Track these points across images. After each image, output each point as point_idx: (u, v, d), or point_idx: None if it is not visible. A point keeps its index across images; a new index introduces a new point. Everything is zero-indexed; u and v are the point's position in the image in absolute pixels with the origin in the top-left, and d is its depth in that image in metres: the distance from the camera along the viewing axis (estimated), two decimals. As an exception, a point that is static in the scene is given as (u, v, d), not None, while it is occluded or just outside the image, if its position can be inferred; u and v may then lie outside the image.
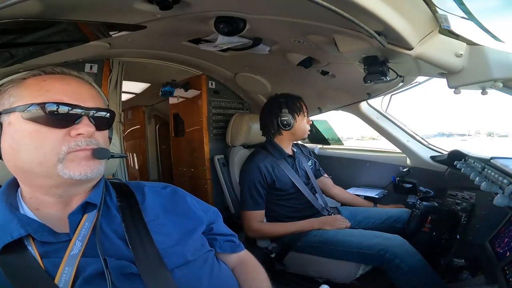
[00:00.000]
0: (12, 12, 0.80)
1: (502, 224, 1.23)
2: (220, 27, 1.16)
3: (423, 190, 1.87)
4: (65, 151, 0.59)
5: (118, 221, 0.69)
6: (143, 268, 0.62)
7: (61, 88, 0.63)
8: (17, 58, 1.10)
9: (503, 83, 1.03)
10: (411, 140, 2.04)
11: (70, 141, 0.60)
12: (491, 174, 1.08)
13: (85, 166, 0.61)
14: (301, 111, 1.74)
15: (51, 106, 0.59)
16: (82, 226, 0.63)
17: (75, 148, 0.60)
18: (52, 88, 0.62)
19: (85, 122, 0.63)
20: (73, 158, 0.60)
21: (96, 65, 1.65)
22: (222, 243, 0.86)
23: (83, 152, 0.61)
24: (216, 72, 2.08)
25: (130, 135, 3.85)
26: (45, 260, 0.57)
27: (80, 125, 0.62)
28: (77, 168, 0.60)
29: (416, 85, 1.72)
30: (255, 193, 1.63)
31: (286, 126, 1.72)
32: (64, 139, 0.60)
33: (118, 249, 0.64)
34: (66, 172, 0.59)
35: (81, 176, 0.61)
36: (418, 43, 1.01)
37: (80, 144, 0.61)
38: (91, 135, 0.63)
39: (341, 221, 1.59)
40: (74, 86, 0.65)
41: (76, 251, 0.59)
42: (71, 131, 0.61)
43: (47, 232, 0.60)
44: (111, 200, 0.73)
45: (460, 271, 1.37)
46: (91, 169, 0.62)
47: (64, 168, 0.59)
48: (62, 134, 0.60)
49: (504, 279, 0.97)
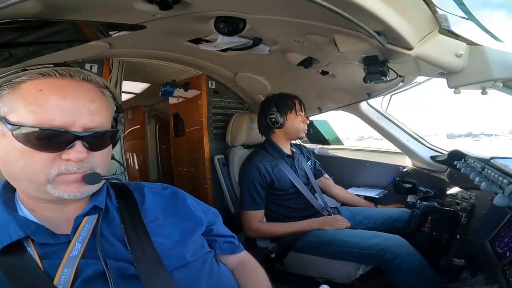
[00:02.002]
0: (12, 12, 0.80)
1: (502, 224, 1.23)
2: (220, 27, 1.16)
3: (423, 190, 1.87)
4: (54, 174, 0.58)
5: (117, 222, 0.68)
6: (142, 269, 0.62)
7: (55, 105, 0.57)
8: (16, 58, 1.09)
9: (503, 83, 1.03)
10: (411, 140, 2.05)
11: (61, 165, 0.58)
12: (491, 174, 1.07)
13: (74, 188, 0.60)
14: (292, 109, 1.74)
15: (40, 131, 0.55)
16: (82, 228, 0.63)
17: (65, 172, 0.58)
18: (45, 104, 0.56)
19: (77, 148, 0.58)
20: (63, 180, 0.59)
21: (96, 65, 1.65)
22: (222, 244, 0.86)
23: (74, 175, 0.59)
24: (216, 72, 2.08)
25: (130, 135, 3.85)
26: (44, 261, 0.57)
27: (71, 151, 0.58)
28: (66, 190, 0.59)
29: (416, 85, 1.72)
30: (254, 193, 1.63)
31: (275, 124, 1.73)
32: (55, 163, 0.58)
33: (117, 251, 0.64)
34: (55, 192, 0.58)
35: (70, 196, 0.59)
36: (418, 43, 1.01)
37: (71, 168, 0.58)
38: (82, 160, 0.59)
39: (341, 221, 1.59)
40: (71, 100, 0.58)
41: (75, 253, 0.59)
42: (62, 154, 0.58)
43: (46, 234, 0.60)
44: (111, 201, 0.73)
45: (460, 271, 1.37)
46: (80, 191, 0.60)
47: (53, 188, 0.58)
48: (52, 157, 0.58)
49: (504, 279, 0.97)
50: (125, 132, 3.80)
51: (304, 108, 1.82)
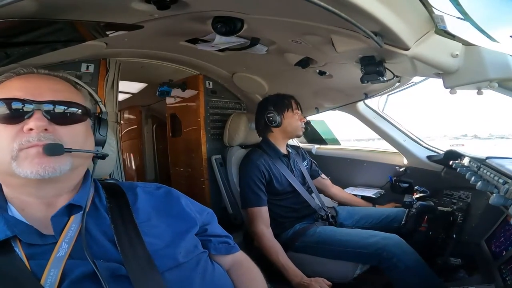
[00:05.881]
0: (7, 12, 0.79)
1: (498, 223, 1.24)
2: (217, 27, 1.16)
3: (419, 190, 1.88)
4: (16, 148, 0.57)
5: (108, 222, 0.67)
6: (132, 270, 0.61)
7: (18, 85, 0.62)
8: (12, 57, 1.09)
9: (499, 83, 1.04)
10: (408, 140, 2.06)
11: (22, 137, 0.58)
12: (486, 173, 1.09)
13: (37, 164, 0.58)
14: (289, 108, 1.76)
15: (2, 101, 0.58)
16: (69, 228, 0.61)
17: (26, 145, 0.57)
18: (9, 87, 0.61)
19: (37, 116, 0.59)
20: (25, 155, 0.58)
21: (92, 65, 1.64)
22: (217, 244, 0.85)
23: (35, 148, 0.58)
24: (214, 72, 2.08)
25: (127, 135, 3.83)
26: (32, 261, 0.56)
27: (31, 119, 0.59)
28: (29, 167, 0.57)
29: (412, 85, 1.74)
30: (256, 189, 1.61)
31: (272, 122, 1.74)
32: (17, 136, 0.58)
33: (106, 251, 0.63)
34: (20, 170, 0.57)
35: (34, 175, 0.57)
36: (414, 44, 1.02)
37: (31, 140, 0.57)
38: (42, 129, 0.59)
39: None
40: (34, 82, 0.63)
41: (62, 253, 0.58)
42: (23, 126, 0.58)
43: (34, 234, 0.59)
44: (101, 201, 0.72)
45: (457, 270, 1.38)
46: (43, 167, 0.58)
47: (17, 166, 0.57)
48: (15, 131, 0.58)
49: (501, 278, 0.98)
50: (122, 132, 3.78)
51: (301, 107, 1.83)
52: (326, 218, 1.73)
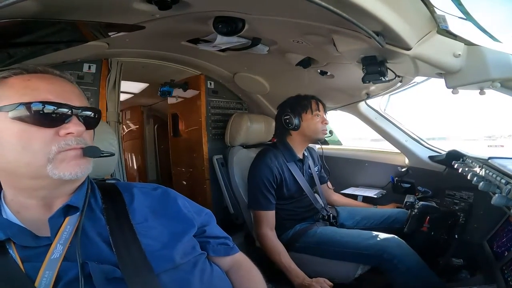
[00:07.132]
0: (10, 12, 0.79)
1: (500, 223, 1.24)
2: (219, 27, 1.16)
3: (421, 190, 1.87)
4: (55, 150, 0.59)
5: (103, 223, 0.67)
6: (127, 272, 0.61)
7: (47, 87, 0.62)
8: (15, 58, 1.09)
9: (501, 83, 1.04)
10: (409, 140, 2.05)
11: (60, 141, 0.60)
12: (489, 174, 1.08)
13: (75, 165, 0.61)
14: (307, 109, 1.69)
15: (39, 106, 0.58)
16: (64, 230, 0.61)
17: (65, 148, 0.60)
18: (38, 87, 0.61)
19: (75, 121, 0.62)
20: (63, 157, 0.60)
21: (94, 65, 1.65)
22: (215, 246, 0.84)
23: (74, 151, 0.61)
24: (215, 72, 2.08)
25: (128, 135, 3.84)
26: (26, 264, 0.56)
27: (70, 124, 0.61)
28: (67, 168, 0.60)
29: (414, 85, 1.73)
30: (266, 192, 1.58)
31: (289, 125, 1.69)
32: (54, 139, 0.59)
33: (101, 253, 0.63)
34: (56, 172, 0.59)
35: (71, 176, 0.60)
36: (416, 43, 1.01)
37: (71, 143, 0.60)
38: (81, 134, 0.63)
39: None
40: (58, 85, 0.64)
41: (57, 255, 0.58)
42: (60, 130, 0.60)
43: (28, 236, 0.59)
44: (96, 202, 0.71)
45: (459, 271, 1.37)
46: (81, 168, 0.62)
47: (54, 168, 0.58)
48: (51, 134, 0.59)
49: (503, 279, 0.97)
50: (124, 132, 3.78)
51: (325, 108, 1.76)
52: (327, 218, 1.73)
